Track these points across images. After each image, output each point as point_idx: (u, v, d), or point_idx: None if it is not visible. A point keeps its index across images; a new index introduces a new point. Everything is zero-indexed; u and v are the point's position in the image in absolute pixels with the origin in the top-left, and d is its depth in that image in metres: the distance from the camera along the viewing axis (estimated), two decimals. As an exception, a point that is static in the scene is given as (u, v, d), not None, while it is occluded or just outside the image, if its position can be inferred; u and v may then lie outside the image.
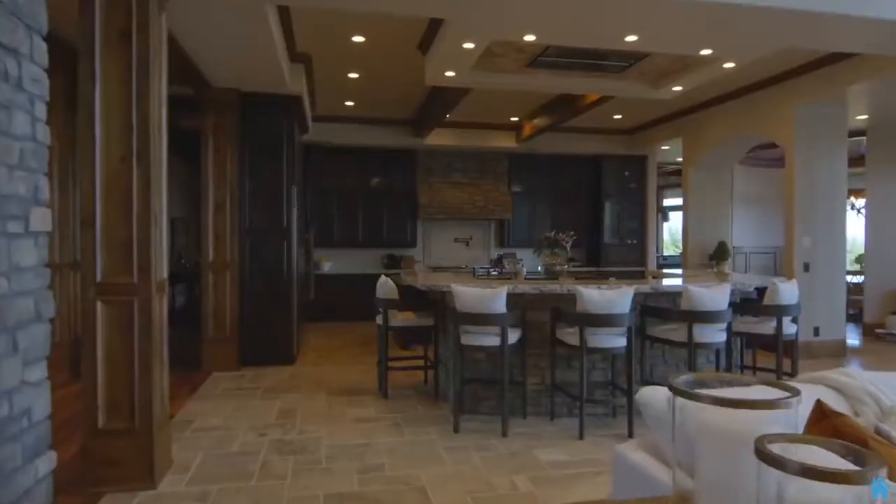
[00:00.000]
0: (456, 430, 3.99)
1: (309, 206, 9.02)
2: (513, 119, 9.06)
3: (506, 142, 9.67)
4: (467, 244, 10.41)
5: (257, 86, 5.80)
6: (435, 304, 4.84)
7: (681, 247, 15.56)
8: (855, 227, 9.67)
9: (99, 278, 3.05)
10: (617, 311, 3.82)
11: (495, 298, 3.86)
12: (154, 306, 3.12)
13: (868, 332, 8.03)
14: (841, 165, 6.61)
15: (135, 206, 3.09)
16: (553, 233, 7.88)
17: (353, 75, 6.68)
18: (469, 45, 4.56)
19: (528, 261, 10.07)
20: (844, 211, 6.70)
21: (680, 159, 11.36)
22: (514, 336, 4.01)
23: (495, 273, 9.36)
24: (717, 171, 8.54)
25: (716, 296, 4.01)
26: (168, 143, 3.42)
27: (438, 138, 9.32)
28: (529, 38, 4.34)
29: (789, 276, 6.49)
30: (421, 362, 5.33)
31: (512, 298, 3.95)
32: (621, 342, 3.89)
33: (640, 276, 10.32)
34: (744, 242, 10.42)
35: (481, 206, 9.84)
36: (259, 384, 5.33)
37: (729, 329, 4.10)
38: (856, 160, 9.29)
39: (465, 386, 4.27)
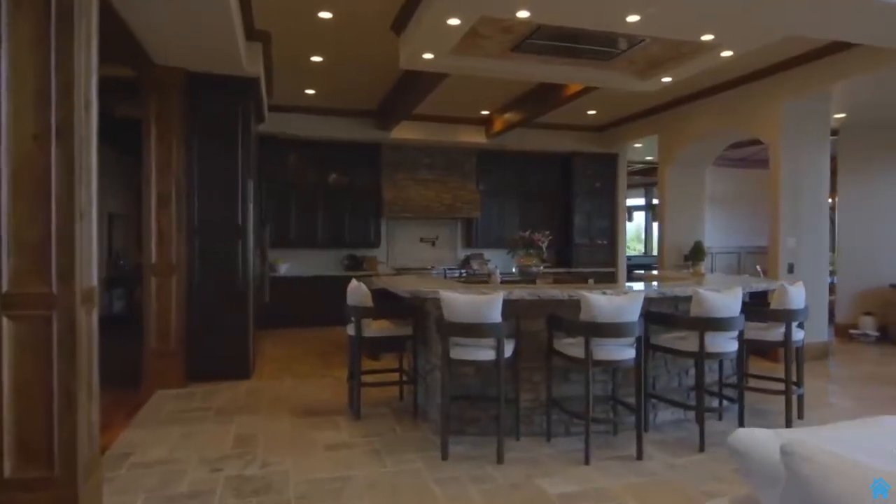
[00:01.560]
0: (444, 457, 3.49)
1: (264, 203, 8.33)
2: (483, 113, 8.62)
3: (475, 137, 9.22)
4: (433, 244, 9.91)
5: (208, 65, 5.13)
6: (414, 311, 4.32)
7: (644, 247, 15.63)
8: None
9: (5, 288, 2.40)
10: (626, 320, 3.40)
11: (491, 306, 3.38)
12: (79, 321, 2.49)
13: (840, 333, 7.98)
14: (824, 164, 6.45)
15: (53, 198, 2.45)
16: (528, 232, 7.51)
17: (317, 58, 6.08)
18: (454, 22, 4.07)
19: (497, 261, 9.67)
20: (827, 211, 6.55)
21: (650, 158, 11.25)
22: (508, 348, 3.54)
23: (464, 275, 8.93)
24: (692, 170, 8.34)
25: (729, 301, 3.66)
26: (106, 132, 2.79)
27: (404, 132, 8.79)
28: (523, 14, 3.88)
29: (773, 278, 6.29)
30: (396, 376, 4.80)
31: (505, 306, 3.48)
32: (630, 354, 3.48)
33: (613, 277, 10.13)
34: (710, 242, 10.33)
35: (449, 205, 9.36)
36: (211, 403, 4.68)
37: (741, 337, 3.75)
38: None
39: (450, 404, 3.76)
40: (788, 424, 4.04)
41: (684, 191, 8.33)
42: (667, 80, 5.46)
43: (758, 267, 10.91)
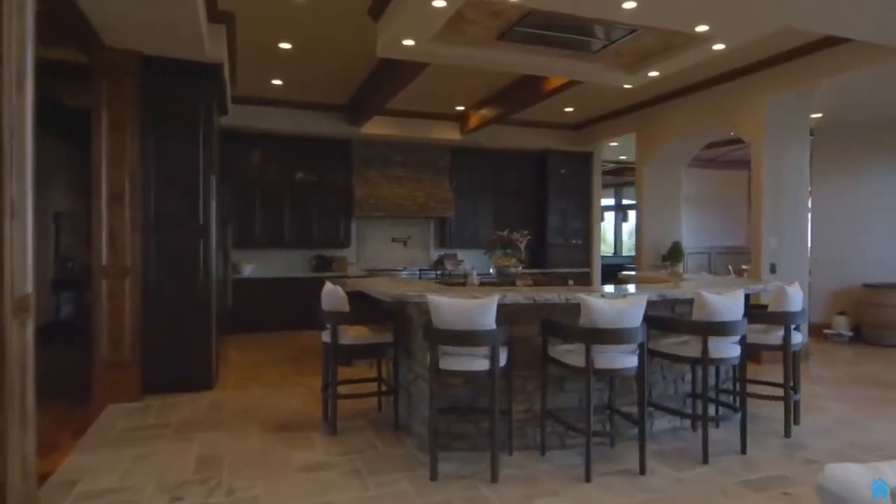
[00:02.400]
0: (433, 477, 3.18)
1: (227, 200, 7.85)
2: (459, 109, 8.35)
3: (449, 133, 8.93)
4: (405, 244, 9.58)
5: (166, 48, 4.70)
6: (394, 316, 4.00)
7: (614, 247, 15.62)
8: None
9: (-86, 296, 1.98)
10: (629, 325, 3.16)
11: (485, 312, 3.09)
12: (9, 335, 2.08)
13: (815, 333, 7.98)
14: (805, 163, 6.40)
15: (-24, 188, 2.04)
16: (506, 232, 7.27)
17: (285, 45, 5.68)
18: (440, 4, 3.76)
19: (470, 262, 9.41)
20: (807, 211, 6.50)
21: (623, 157, 11.17)
22: (502, 357, 3.26)
23: (439, 276, 8.63)
24: (669, 169, 8.25)
25: (732, 304, 3.46)
26: (55, 123, 2.38)
27: (376, 127, 8.44)
28: (514, -3, 3.62)
29: (756, 278, 6.20)
30: (373, 386, 4.47)
31: (497, 311, 3.19)
32: (632, 361, 3.24)
33: (588, 278, 9.99)
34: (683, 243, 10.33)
35: (422, 203, 9.05)
36: (169, 419, 4.25)
37: (743, 341, 3.56)
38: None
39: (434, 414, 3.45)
40: (788, 432, 3.88)
41: (662, 190, 8.23)
42: (654, 74, 5.28)
43: (729, 267, 10.99)
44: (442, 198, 9.16)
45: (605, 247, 15.98)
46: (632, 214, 14.85)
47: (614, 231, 15.53)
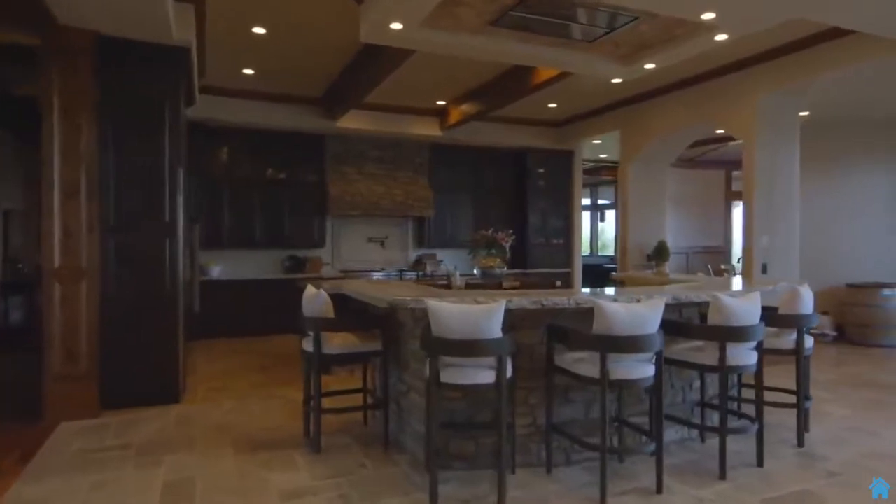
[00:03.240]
0: (433, 501, 2.85)
1: (193, 198, 7.38)
2: (439, 103, 8.04)
3: (428, 129, 8.61)
4: (382, 244, 9.23)
5: (128, 28, 4.27)
6: (383, 322, 3.67)
7: (589, 247, 15.53)
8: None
9: None
10: (647, 332, 2.90)
11: (491, 318, 2.79)
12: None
13: (798, 333, 7.94)
14: (795, 161, 6.30)
15: None
16: (490, 231, 7.01)
17: (259, 30, 5.29)
18: (434, -19, 3.45)
19: (450, 262, 9.11)
20: (797, 209, 6.40)
21: (604, 155, 11.04)
22: (508, 367, 2.96)
23: (420, 277, 8.30)
24: (654, 168, 8.10)
25: (750, 308, 3.24)
26: (1, 114, 1.98)
27: (353, 121, 8.06)
28: (517, -26, 3.33)
29: (748, 278, 6.06)
30: (358, 398, 4.12)
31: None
32: (650, 371, 2.98)
33: (569, 278, 9.81)
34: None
35: (400, 202, 8.71)
36: (131, 439, 3.82)
37: (760, 347, 3.34)
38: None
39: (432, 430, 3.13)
40: (801, 441, 3.69)
41: (646, 189, 8.08)
42: (649, 66, 5.07)
43: (709, 266, 10.94)
44: (421, 196, 8.84)
45: (582, 246, 15.92)
46: (609, 214, 14.80)
47: (590, 231, 15.45)
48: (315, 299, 3.61)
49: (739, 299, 3.22)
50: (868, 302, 7.34)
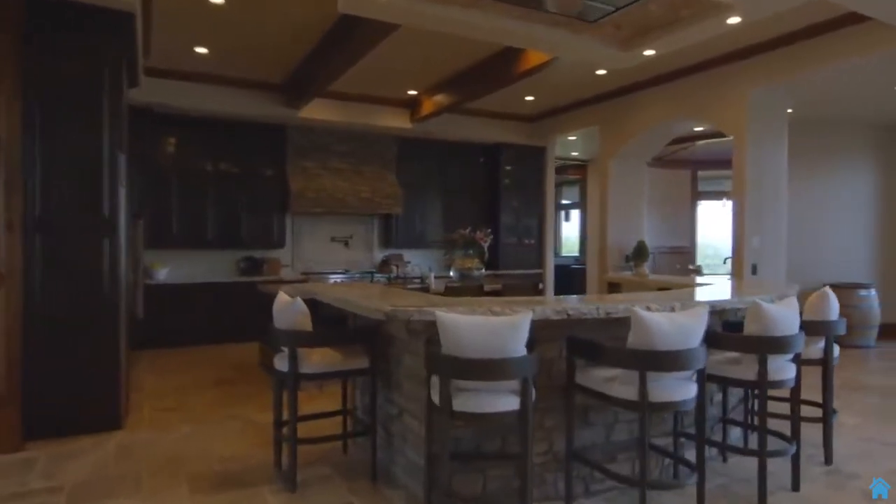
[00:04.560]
0: (443, 554, 2.36)
1: (137, 192, 6.62)
2: (411, 93, 7.52)
3: (398, 121, 8.08)
4: (347, 244, 8.63)
5: (57, -14, 3.58)
6: (369, 335, 3.14)
7: (554, 247, 15.29)
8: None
9: None
10: (691, 346, 2.50)
11: (516, 333, 2.32)
12: None
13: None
14: (783, 158, 6.11)
15: None
16: (468, 230, 6.57)
17: (217, 0, 4.65)
18: (433, -64, 2.95)
19: (419, 263, 8.62)
20: (785, 208, 6.20)
21: (575, 153, 10.76)
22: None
23: (389, 279, 7.76)
24: (634, 165, 7.82)
25: (790, 315, 2.89)
26: None
27: (316, 111, 7.44)
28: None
29: (739, 279, 5.82)
30: (336, 422, 3.57)
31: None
32: (692, 391, 2.56)
33: (541, 279, 9.45)
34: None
35: (366, 199, 8.14)
36: (62, 479, 3.15)
37: (798, 359, 2.99)
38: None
39: (434, 463, 2.63)
40: (829, 458, 3.38)
41: (626, 187, 7.79)
42: (649, 53, 4.72)
43: (678, 266, 10.85)
44: (389, 193, 8.29)
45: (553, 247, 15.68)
46: (574, 214, 14.60)
47: (554, 231, 15.21)
48: (289, 309, 3.05)
49: (780, 306, 2.86)
50: (846, 303, 7.23)
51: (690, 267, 10.53)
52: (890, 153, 7.82)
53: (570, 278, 11.08)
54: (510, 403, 2.36)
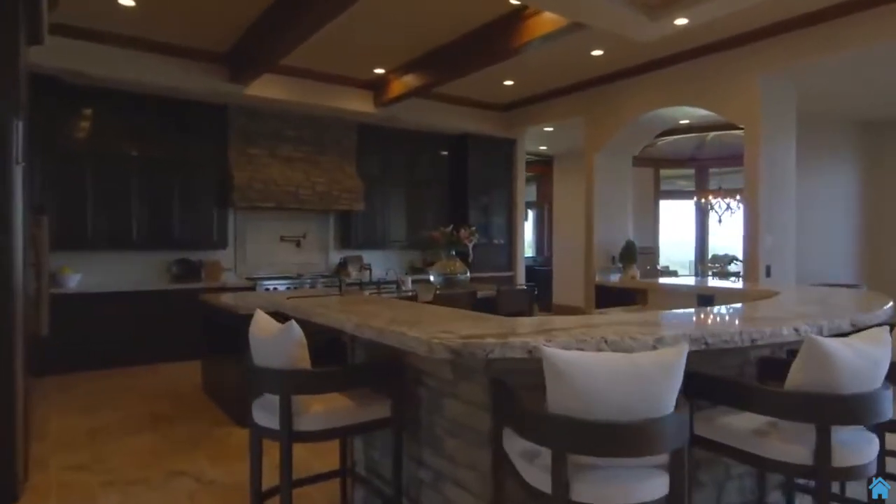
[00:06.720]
0: None
1: (41, 180, 5.33)
2: (377, 72, 6.58)
3: (361, 104, 7.11)
4: (299, 244, 7.57)
5: None
6: (390, 371, 2.25)
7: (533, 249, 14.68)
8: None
9: None
10: (876, 387, 1.78)
11: (668, 379, 1.50)
12: None
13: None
14: (792, 152, 5.66)
15: None
16: (450, 228, 5.76)
17: (151, -75, 3.57)
18: None
19: (379, 266, 7.72)
20: (794, 206, 5.76)
21: (543, 148, 10.13)
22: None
23: (358, 286, 6.78)
24: (619, 159, 7.26)
25: (878, 354, 1.76)
26: None
27: (265, 88, 6.37)
28: None
29: (752, 282, 5.31)
30: (333, 486, 2.64)
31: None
32: (875, 448, 1.83)
33: (512, 282, 8.74)
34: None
35: (323, 192, 7.13)
36: None
37: (882, 430, 1.89)
38: (731, 159, 8.96)
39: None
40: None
41: (612, 183, 7.21)
42: (682, 21, 4.06)
43: (648, 267, 10.47)
44: (349, 186, 7.31)
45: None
46: (530, 213, 14.05)
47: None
48: (280, 338, 2.09)
49: (855, 344, 1.77)
50: (834, 305, 7.00)
51: (659, 268, 10.20)
52: (872, 150, 7.66)
53: (536, 280, 10.47)
54: (656, 488, 1.55)
